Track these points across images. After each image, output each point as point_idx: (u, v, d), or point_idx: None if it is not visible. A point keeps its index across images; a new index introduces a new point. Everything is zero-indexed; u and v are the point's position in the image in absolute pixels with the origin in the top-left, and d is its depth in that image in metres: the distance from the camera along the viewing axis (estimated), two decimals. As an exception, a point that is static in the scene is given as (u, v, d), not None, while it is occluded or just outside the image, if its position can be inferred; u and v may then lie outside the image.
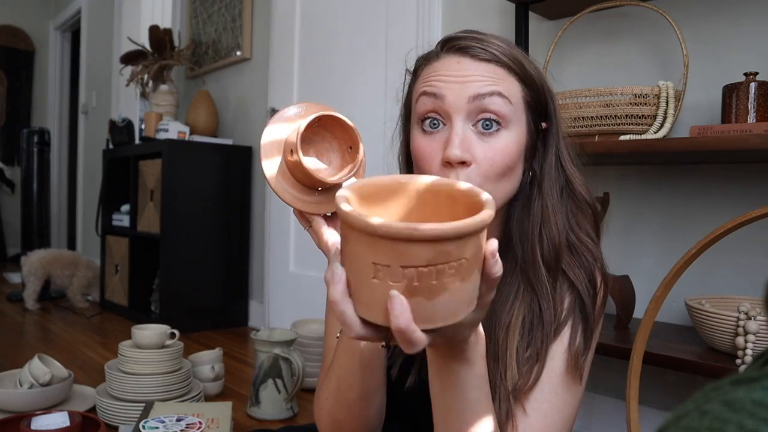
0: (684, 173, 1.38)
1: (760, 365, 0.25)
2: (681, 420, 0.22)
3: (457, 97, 0.65)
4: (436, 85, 0.67)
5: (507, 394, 0.65)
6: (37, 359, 1.58)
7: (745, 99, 1.13)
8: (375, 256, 0.41)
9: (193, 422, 1.30)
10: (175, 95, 3.09)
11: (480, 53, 0.67)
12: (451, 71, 0.67)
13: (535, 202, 0.70)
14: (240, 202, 2.87)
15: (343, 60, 2.35)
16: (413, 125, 0.71)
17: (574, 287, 0.69)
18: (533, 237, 0.69)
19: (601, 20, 1.51)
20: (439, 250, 0.40)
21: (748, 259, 1.27)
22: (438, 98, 0.66)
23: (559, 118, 0.72)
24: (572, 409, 0.68)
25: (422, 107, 0.68)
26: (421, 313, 0.42)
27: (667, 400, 1.39)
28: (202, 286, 2.73)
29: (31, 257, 3.12)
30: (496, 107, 0.65)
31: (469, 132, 0.66)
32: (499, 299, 0.70)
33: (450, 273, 0.41)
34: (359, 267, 0.42)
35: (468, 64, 0.66)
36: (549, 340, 0.67)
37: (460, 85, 0.65)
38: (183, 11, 3.50)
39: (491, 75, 0.66)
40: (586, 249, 0.71)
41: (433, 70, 0.69)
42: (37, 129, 3.69)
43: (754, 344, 1.02)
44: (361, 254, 0.42)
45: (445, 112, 0.66)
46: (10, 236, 5.20)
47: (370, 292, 0.42)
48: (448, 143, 0.65)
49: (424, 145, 0.68)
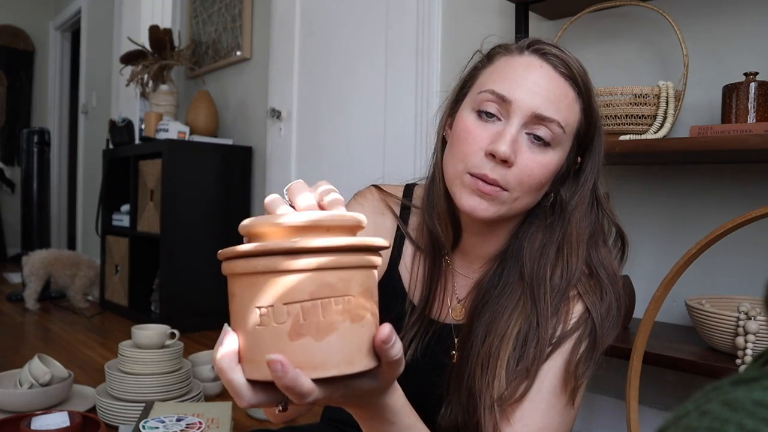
0: (684, 173, 1.38)
1: (760, 365, 0.25)
2: (681, 420, 0.22)
3: (522, 104, 0.66)
4: (508, 86, 0.66)
5: (491, 402, 0.64)
6: (37, 359, 1.58)
7: (745, 99, 1.13)
8: (258, 299, 0.40)
9: (193, 422, 1.30)
10: (175, 95, 3.09)
11: (561, 66, 0.67)
12: (529, 75, 0.66)
13: (558, 227, 0.71)
14: (240, 202, 2.87)
15: (343, 60, 2.35)
16: (466, 106, 0.70)
17: (590, 315, 0.69)
18: (547, 258, 0.70)
19: (601, 20, 1.51)
20: (321, 281, 0.40)
21: (748, 259, 1.27)
22: (506, 101, 0.66)
23: (601, 155, 0.73)
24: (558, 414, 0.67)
25: (485, 98, 0.68)
26: (311, 358, 0.40)
27: (667, 400, 1.39)
28: (202, 286, 2.73)
29: (33, 257, 3.12)
30: (552, 129, 0.66)
31: (522, 136, 0.66)
32: (499, 306, 0.70)
33: (337, 309, 0.40)
34: (245, 319, 0.41)
35: (547, 72, 0.67)
36: (542, 358, 0.66)
37: (530, 94, 0.66)
38: (183, 11, 3.50)
39: (561, 97, 0.67)
40: (610, 281, 0.70)
41: (513, 65, 0.68)
42: (37, 129, 3.69)
43: (754, 344, 1.02)
44: (245, 304, 0.41)
45: (506, 111, 0.67)
46: (10, 236, 5.20)
47: (257, 345, 0.41)
48: (500, 137, 0.65)
49: (474, 128, 0.68)
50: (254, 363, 0.41)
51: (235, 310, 0.42)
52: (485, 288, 0.73)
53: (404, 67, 2.06)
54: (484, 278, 0.74)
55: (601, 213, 0.73)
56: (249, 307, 0.41)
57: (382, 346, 0.43)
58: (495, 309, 0.70)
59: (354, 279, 0.41)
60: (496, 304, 0.71)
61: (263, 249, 0.40)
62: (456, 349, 0.74)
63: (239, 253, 0.41)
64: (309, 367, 0.40)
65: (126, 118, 3.08)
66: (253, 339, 0.41)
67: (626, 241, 0.76)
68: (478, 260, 0.77)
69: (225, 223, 2.81)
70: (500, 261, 0.74)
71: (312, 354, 0.40)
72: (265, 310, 0.40)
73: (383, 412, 0.51)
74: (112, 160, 3.21)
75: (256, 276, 0.40)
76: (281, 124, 2.66)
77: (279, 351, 0.40)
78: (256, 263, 0.40)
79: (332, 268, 0.40)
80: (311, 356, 0.40)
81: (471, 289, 0.76)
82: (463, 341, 0.73)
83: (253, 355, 0.41)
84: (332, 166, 2.38)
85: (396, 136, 2.07)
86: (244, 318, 0.41)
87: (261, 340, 0.40)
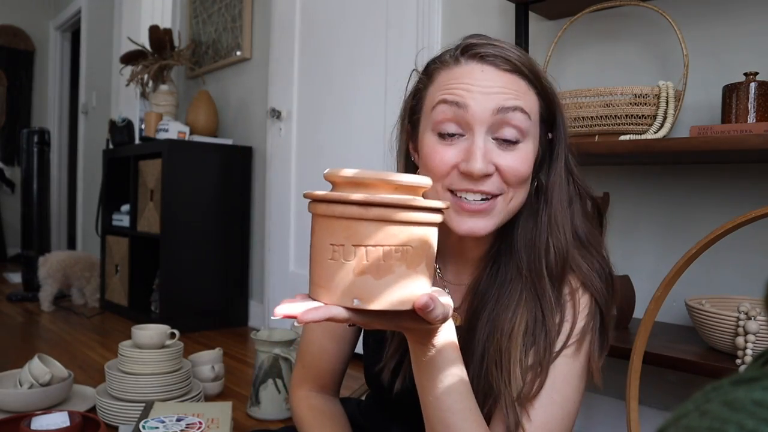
0: (684, 173, 1.38)
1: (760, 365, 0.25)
2: (681, 420, 0.22)
3: (480, 109, 0.65)
4: (459, 94, 0.66)
5: (512, 401, 0.65)
6: (37, 359, 1.58)
7: (745, 99, 1.13)
8: (332, 238, 0.48)
9: (193, 422, 1.30)
10: (175, 95, 3.09)
11: (502, 64, 0.66)
12: (475, 80, 0.66)
13: (543, 213, 0.71)
14: (240, 202, 2.87)
15: (343, 60, 2.35)
16: (426, 130, 0.70)
17: (591, 294, 0.70)
18: (539, 247, 0.70)
19: (601, 20, 1.51)
20: (385, 231, 0.47)
21: (748, 259, 1.27)
22: (461, 108, 0.65)
23: (565, 127, 0.73)
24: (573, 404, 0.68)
25: (441, 115, 0.67)
26: (369, 292, 0.48)
27: (667, 400, 1.39)
28: (202, 286, 2.73)
29: (50, 259, 3.09)
30: (517, 122, 0.66)
31: (490, 144, 0.66)
32: (500, 306, 0.70)
33: (396, 256, 0.48)
34: (320, 252, 0.49)
35: (491, 73, 0.66)
36: (552, 349, 0.67)
37: (484, 96, 0.65)
38: (183, 11, 3.50)
39: (514, 88, 0.66)
40: (599, 254, 0.72)
41: (454, 77, 0.67)
42: (37, 129, 3.68)
43: (754, 344, 1.02)
44: (322, 239, 0.49)
45: (466, 122, 0.66)
46: (10, 236, 5.20)
47: (327, 275, 0.49)
48: (469, 155, 0.65)
49: (441, 151, 0.67)
50: (322, 288, 0.49)
51: (314, 244, 0.50)
52: (482, 290, 0.73)
53: (404, 67, 2.05)
54: (479, 281, 0.74)
55: (576, 186, 0.73)
56: (324, 243, 0.48)
57: (421, 312, 0.49)
58: (497, 308, 0.70)
59: (413, 232, 0.48)
60: (496, 303, 0.71)
61: (338, 198, 0.47)
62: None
63: (320, 197, 0.49)
64: (365, 299, 0.48)
65: (126, 118, 3.08)
66: (325, 269, 0.49)
67: (602, 211, 0.77)
68: (469, 265, 0.77)
69: (225, 223, 2.81)
70: (493, 261, 0.74)
71: (370, 289, 0.48)
72: (337, 248, 0.48)
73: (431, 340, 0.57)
74: (112, 160, 3.21)
75: (333, 219, 0.48)
76: (281, 124, 2.66)
77: (343, 282, 0.48)
78: (334, 209, 0.48)
79: (395, 221, 0.47)
80: (369, 291, 0.48)
81: (465, 295, 0.76)
82: (464, 344, 0.73)
83: (322, 281, 0.49)
84: (332, 166, 2.38)
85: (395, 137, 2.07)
86: (320, 251, 0.49)
87: (330, 270, 0.48)
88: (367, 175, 0.48)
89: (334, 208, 0.48)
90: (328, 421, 0.83)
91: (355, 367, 0.97)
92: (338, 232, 0.47)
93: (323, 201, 0.49)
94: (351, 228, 0.47)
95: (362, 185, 0.49)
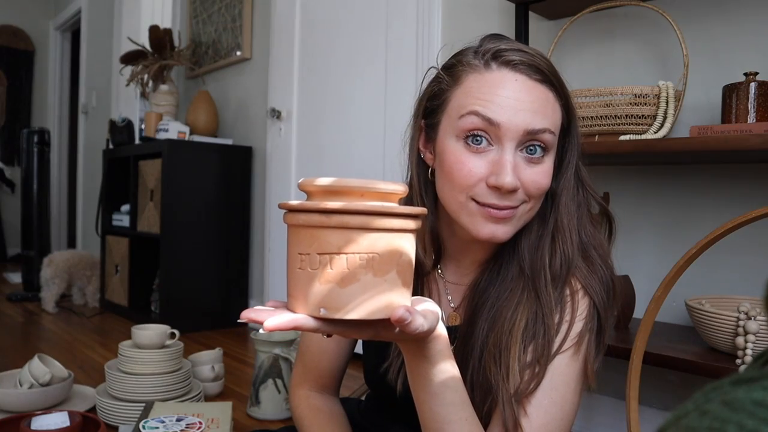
0: (684, 173, 1.38)
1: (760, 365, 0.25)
2: (681, 420, 0.22)
3: (513, 126, 0.65)
4: (493, 109, 0.65)
5: (509, 397, 0.65)
6: (37, 359, 1.58)
7: (745, 99, 1.13)
8: (299, 246, 0.48)
9: (193, 422, 1.30)
10: (175, 95, 3.09)
11: (534, 74, 0.66)
12: (509, 93, 0.65)
13: (550, 217, 0.72)
14: (240, 202, 2.87)
15: (343, 60, 2.35)
16: (449, 134, 0.69)
17: (590, 298, 0.70)
18: (544, 248, 0.70)
19: (601, 20, 1.51)
20: (347, 237, 0.46)
21: (748, 259, 1.27)
22: (493, 124, 0.65)
23: (578, 134, 0.73)
24: (572, 405, 0.68)
25: (471, 125, 0.66)
26: (333, 301, 0.47)
27: (667, 400, 1.39)
28: (202, 286, 2.73)
29: (56, 259, 3.08)
30: (544, 140, 0.67)
31: (518, 158, 0.67)
32: (501, 303, 0.71)
33: (361, 264, 0.46)
34: (291, 262, 0.49)
35: (524, 84, 0.66)
36: (551, 347, 0.67)
37: (516, 112, 0.65)
38: (183, 11, 3.50)
39: (544, 104, 0.66)
40: (603, 260, 0.72)
41: (486, 84, 0.66)
42: (37, 129, 3.68)
43: (754, 344, 1.02)
44: (292, 249, 0.49)
45: (496, 135, 0.66)
46: (10, 236, 5.20)
47: (296, 284, 0.48)
48: (500, 168, 0.65)
49: (469, 162, 0.66)
50: (293, 297, 0.49)
51: (288, 253, 0.50)
52: (483, 288, 0.73)
53: (404, 66, 2.05)
54: (479, 279, 0.75)
55: (585, 193, 0.73)
56: (294, 253, 0.48)
57: (398, 325, 0.48)
58: (497, 306, 0.71)
59: (379, 239, 0.47)
60: (497, 300, 0.71)
61: (300, 206, 0.47)
62: (455, 349, 0.75)
63: (287, 207, 0.49)
64: (332, 308, 0.47)
65: (126, 118, 3.08)
66: (295, 279, 0.48)
67: (612, 219, 0.77)
68: (470, 265, 0.78)
69: (225, 223, 2.81)
70: (495, 260, 0.75)
71: (335, 298, 0.46)
72: (304, 257, 0.47)
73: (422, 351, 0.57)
74: (112, 160, 3.21)
75: (300, 228, 0.48)
76: (281, 124, 2.66)
77: (310, 292, 0.47)
78: (299, 217, 0.47)
79: (358, 228, 0.46)
80: (335, 300, 0.46)
81: (465, 294, 0.77)
82: (463, 341, 0.73)
83: (294, 291, 0.49)
84: (332, 166, 2.38)
85: (396, 136, 2.07)
86: (291, 261, 0.49)
87: (299, 280, 0.48)
88: (339, 183, 0.48)
89: (299, 216, 0.47)
90: (328, 421, 0.83)
91: (355, 367, 0.97)
92: (305, 241, 0.47)
93: (291, 210, 0.49)
94: (315, 236, 0.47)
95: (334, 193, 0.48)
